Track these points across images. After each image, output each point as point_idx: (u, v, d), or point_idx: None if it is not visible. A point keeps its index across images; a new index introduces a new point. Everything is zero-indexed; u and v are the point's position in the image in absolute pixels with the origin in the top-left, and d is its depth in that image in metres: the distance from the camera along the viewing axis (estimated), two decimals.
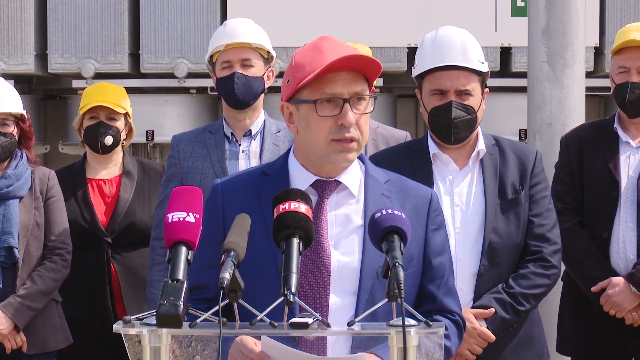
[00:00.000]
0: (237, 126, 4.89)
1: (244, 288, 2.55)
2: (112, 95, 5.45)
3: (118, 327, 2.56)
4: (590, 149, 5.01)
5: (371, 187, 3.06)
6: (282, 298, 2.53)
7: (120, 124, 5.44)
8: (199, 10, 8.19)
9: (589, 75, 6.94)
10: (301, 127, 2.99)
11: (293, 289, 2.53)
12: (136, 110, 5.71)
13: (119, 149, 5.48)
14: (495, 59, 8.08)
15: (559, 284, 4.73)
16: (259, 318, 2.55)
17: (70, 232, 5.17)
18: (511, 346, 4.16)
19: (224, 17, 7.96)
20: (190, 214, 2.60)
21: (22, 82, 8.63)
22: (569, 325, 5.13)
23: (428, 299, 3.04)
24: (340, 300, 2.95)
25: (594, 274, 4.90)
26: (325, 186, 3.02)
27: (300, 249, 2.63)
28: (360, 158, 3.09)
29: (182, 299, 2.44)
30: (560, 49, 5.70)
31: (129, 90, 5.69)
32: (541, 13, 5.72)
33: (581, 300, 5.02)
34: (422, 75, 4.14)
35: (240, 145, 4.86)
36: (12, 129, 5.09)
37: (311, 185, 3.01)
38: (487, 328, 4.05)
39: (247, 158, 4.84)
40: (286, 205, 2.69)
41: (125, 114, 5.47)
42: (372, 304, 2.83)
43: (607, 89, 5.65)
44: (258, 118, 4.90)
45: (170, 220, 2.59)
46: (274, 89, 6.85)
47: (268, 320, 2.55)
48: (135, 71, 8.37)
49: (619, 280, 4.85)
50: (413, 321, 2.56)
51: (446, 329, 2.91)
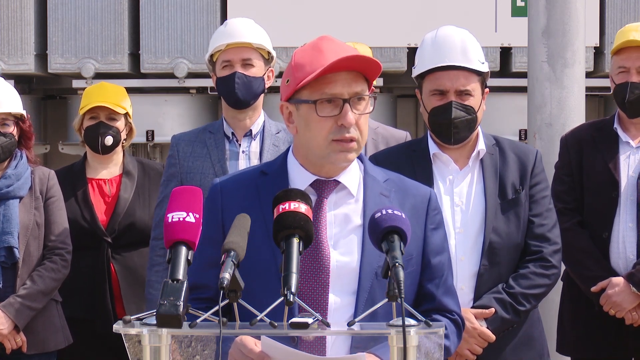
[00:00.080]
0: (238, 126, 4.88)
1: (243, 288, 2.55)
2: (113, 95, 5.45)
3: (118, 327, 2.56)
4: (590, 149, 5.01)
5: (370, 187, 3.05)
6: (282, 298, 2.53)
7: (120, 124, 5.43)
8: (199, 10, 8.19)
9: (589, 75, 6.93)
10: (301, 127, 2.99)
11: (293, 289, 2.53)
12: (136, 110, 5.70)
13: (119, 149, 5.48)
14: (495, 59, 8.08)
15: (559, 284, 4.72)
16: (259, 318, 2.55)
17: (70, 232, 5.16)
18: (511, 346, 4.16)
19: (224, 17, 7.96)
20: (190, 214, 2.60)
21: (22, 82, 8.63)
22: (569, 325, 5.12)
23: (427, 299, 3.04)
24: (340, 300, 2.94)
25: (594, 274, 4.90)
26: (324, 186, 3.01)
27: (300, 249, 2.63)
28: (359, 157, 3.09)
29: (182, 299, 2.44)
30: (560, 49, 5.70)
31: (129, 90, 5.68)
32: (541, 13, 5.72)
33: (581, 300, 5.02)
34: (422, 76, 4.14)
35: (240, 145, 4.86)
36: (12, 129, 5.09)
37: (310, 185, 3.00)
38: (487, 328, 4.05)
39: (247, 159, 4.83)
40: (286, 205, 2.69)
41: (126, 114, 5.47)
42: (372, 304, 2.83)
43: (607, 89, 5.64)
44: (258, 119, 4.90)
45: (170, 220, 2.59)
46: (274, 89, 6.84)
47: (268, 320, 2.55)
48: (135, 71, 8.37)
49: (619, 280, 4.85)
50: (413, 321, 2.55)
51: (445, 328, 2.91)
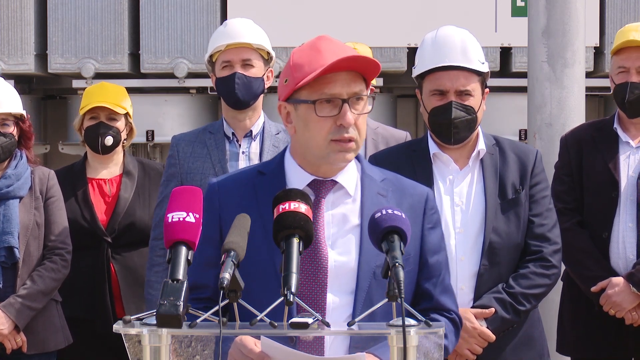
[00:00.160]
0: (238, 126, 4.88)
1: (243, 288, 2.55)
2: (113, 95, 5.44)
3: (118, 327, 2.56)
4: (589, 149, 5.01)
5: (367, 187, 3.06)
6: (282, 298, 2.53)
7: (120, 124, 5.43)
8: (199, 10, 8.19)
9: (589, 75, 6.93)
10: (299, 127, 2.99)
11: (293, 289, 2.53)
12: (136, 110, 5.70)
13: (119, 148, 5.48)
14: (495, 59, 8.08)
15: (559, 284, 4.72)
16: (259, 318, 2.55)
17: (70, 232, 5.16)
18: (511, 346, 4.16)
19: (224, 17, 7.96)
20: (190, 214, 2.60)
21: (22, 82, 8.63)
22: (569, 325, 5.12)
23: (425, 298, 3.05)
24: (338, 300, 2.95)
25: (594, 274, 4.90)
26: (321, 186, 3.01)
27: (300, 249, 2.63)
28: (357, 157, 3.09)
29: (182, 299, 2.44)
30: (560, 49, 5.70)
31: (129, 90, 5.68)
32: (541, 13, 5.72)
33: (581, 300, 5.02)
34: (422, 76, 4.14)
35: (240, 146, 4.85)
36: (12, 129, 5.08)
37: (308, 185, 3.00)
38: (488, 328, 4.05)
39: (247, 159, 4.83)
40: (286, 205, 2.69)
41: (126, 114, 5.47)
42: (370, 303, 2.84)
43: (607, 89, 5.64)
44: (258, 119, 4.90)
45: (170, 220, 2.59)
46: (274, 89, 6.83)
47: (268, 320, 2.55)
48: (135, 71, 8.37)
49: (619, 280, 4.85)
50: (413, 321, 2.56)
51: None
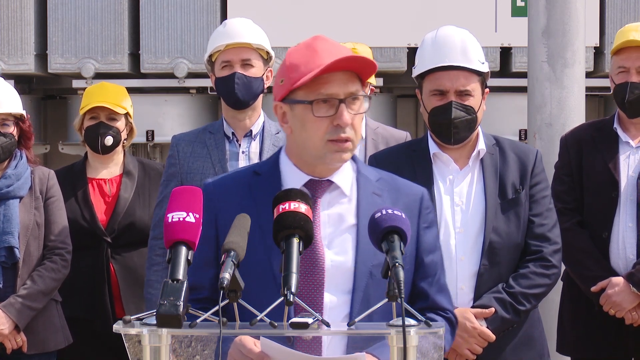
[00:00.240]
0: (238, 126, 4.88)
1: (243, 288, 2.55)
2: (113, 95, 5.44)
3: (118, 327, 2.56)
4: (589, 149, 5.01)
5: (363, 186, 3.06)
6: (282, 298, 2.53)
7: (120, 124, 5.43)
8: (199, 10, 8.19)
9: (589, 75, 6.93)
10: (296, 127, 2.99)
11: (293, 289, 2.53)
12: (136, 110, 5.70)
13: (119, 148, 5.48)
14: (495, 59, 8.08)
15: (559, 284, 4.72)
16: (259, 318, 2.55)
17: (70, 232, 5.16)
18: (511, 346, 4.16)
19: (224, 17, 7.96)
20: (190, 214, 2.60)
21: (22, 82, 8.63)
22: (569, 325, 5.12)
23: (420, 297, 3.05)
24: (336, 299, 2.95)
25: (594, 274, 4.90)
26: (317, 186, 3.01)
27: (300, 249, 2.63)
28: (352, 157, 3.09)
29: (182, 299, 2.44)
30: (560, 49, 5.70)
31: (129, 90, 5.68)
32: (541, 13, 5.72)
33: (581, 300, 5.02)
34: (423, 76, 4.14)
35: (240, 145, 4.85)
36: (12, 129, 5.08)
37: (304, 185, 3.00)
38: (487, 328, 4.05)
39: (247, 159, 4.83)
40: (286, 205, 2.69)
41: (126, 114, 5.47)
42: (367, 303, 2.85)
43: (607, 89, 5.64)
44: (258, 119, 4.90)
45: (170, 220, 2.59)
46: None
47: (268, 320, 2.55)
48: (135, 71, 8.37)
49: (619, 280, 4.85)
50: (413, 321, 2.56)
51: None
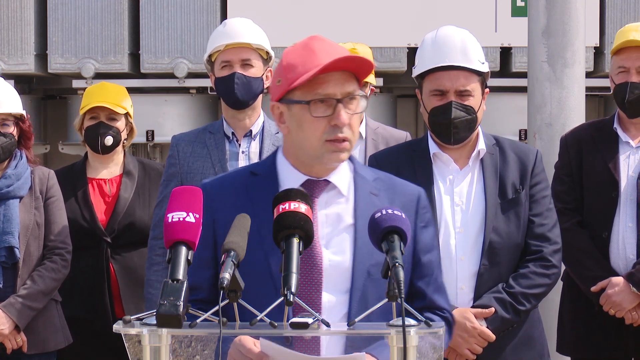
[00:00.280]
0: (237, 126, 4.88)
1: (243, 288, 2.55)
2: (113, 95, 5.44)
3: (118, 327, 2.56)
4: (589, 149, 5.01)
5: (360, 186, 3.06)
6: (282, 298, 2.53)
7: (120, 124, 5.43)
8: (199, 10, 8.19)
9: (589, 75, 6.93)
10: (293, 127, 2.99)
11: (293, 289, 2.53)
12: (136, 110, 5.70)
13: (119, 148, 5.48)
14: (495, 59, 8.08)
15: (559, 284, 4.72)
16: (259, 318, 2.55)
17: (70, 232, 5.16)
18: (511, 346, 4.16)
19: (224, 17, 7.95)
20: (190, 214, 2.60)
21: (22, 82, 8.63)
22: (569, 325, 5.12)
23: (418, 296, 3.05)
24: (334, 299, 2.95)
25: (594, 274, 4.90)
26: (315, 186, 3.02)
27: (300, 249, 2.63)
28: (349, 157, 3.09)
29: (182, 299, 2.44)
30: (560, 49, 5.70)
31: (129, 90, 5.68)
32: (541, 13, 5.72)
33: (581, 300, 5.02)
34: (423, 76, 4.14)
35: (240, 145, 4.85)
36: (12, 129, 5.08)
37: (301, 185, 3.00)
38: (487, 327, 4.05)
39: (247, 159, 4.83)
40: (286, 205, 2.69)
41: (126, 114, 5.47)
42: (365, 302, 2.86)
43: (607, 89, 5.64)
44: (258, 119, 4.90)
45: (170, 220, 2.59)
46: None
47: (268, 320, 2.55)
48: (135, 71, 8.37)
49: (619, 280, 4.85)
50: (413, 321, 2.56)
51: None
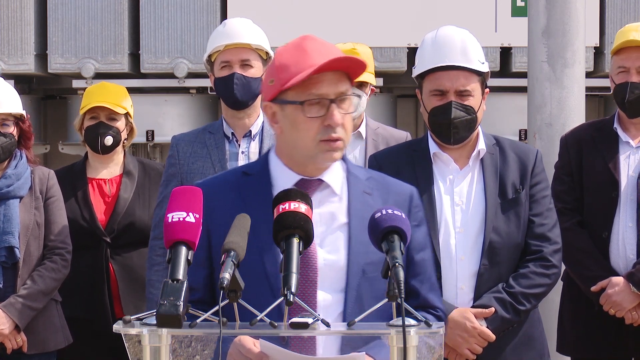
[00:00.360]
0: (237, 125, 4.88)
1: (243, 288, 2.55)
2: (113, 95, 5.44)
3: (118, 327, 2.56)
4: (589, 149, 5.01)
5: (353, 185, 3.07)
6: (282, 298, 2.53)
7: (120, 124, 5.43)
8: (199, 10, 8.19)
9: (589, 75, 6.93)
10: (286, 128, 2.99)
11: (293, 289, 2.53)
12: (136, 110, 5.70)
13: (119, 148, 5.48)
14: (495, 59, 8.08)
15: (559, 284, 4.72)
16: (258, 318, 2.55)
17: (70, 232, 5.16)
18: (511, 346, 4.16)
19: (224, 17, 7.95)
20: (190, 214, 2.60)
21: (22, 82, 8.63)
22: (569, 325, 5.12)
23: (412, 295, 3.04)
24: (330, 298, 2.95)
25: (594, 273, 4.90)
26: (308, 185, 3.02)
27: (300, 249, 2.64)
28: (342, 157, 3.10)
29: (182, 299, 2.44)
30: (560, 49, 5.70)
31: (129, 90, 5.68)
32: (541, 13, 5.72)
33: (581, 300, 5.02)
34: (422, 76, 4.14)
35: (239, 145, 4.86)
36: (12, 129, 5.09)
37: (295, 184, 3.01)
38: (487, 327, 4.05)
39: (247, 159, 4.83)
40: (286, 205, 2.70)
41: (126, 114, 5.47)
42: (360, 301, 2.88)
43: (607, 89, 5.64)
44: (257, 119, 4.90)
45: (170, 220, 2.59)
46: None
47: (268, 320, 2.55)
48: (135, 71, 8.37)
49: (619, 279, 4.85)
50: (413, 321, 2.56)
51: None
